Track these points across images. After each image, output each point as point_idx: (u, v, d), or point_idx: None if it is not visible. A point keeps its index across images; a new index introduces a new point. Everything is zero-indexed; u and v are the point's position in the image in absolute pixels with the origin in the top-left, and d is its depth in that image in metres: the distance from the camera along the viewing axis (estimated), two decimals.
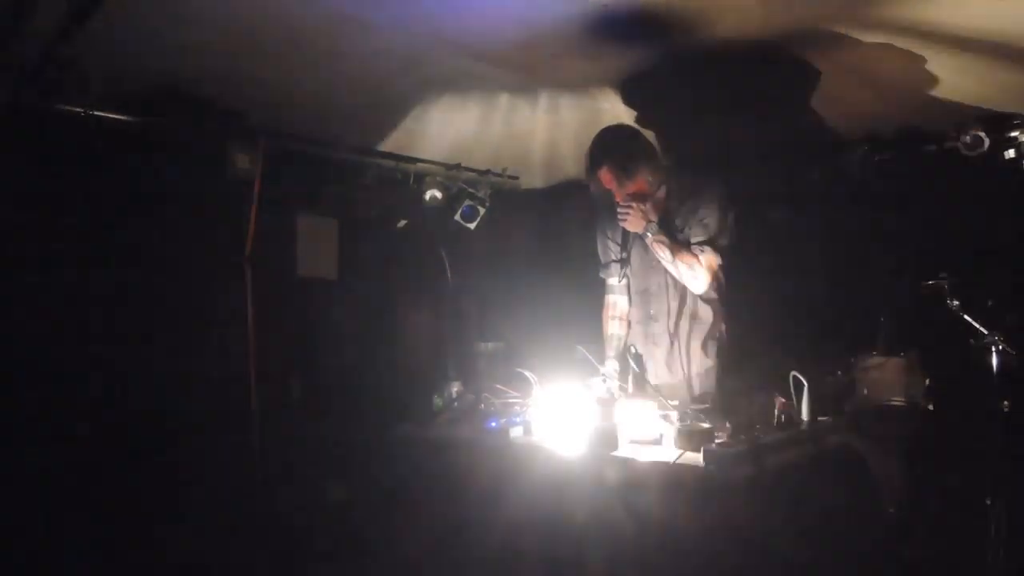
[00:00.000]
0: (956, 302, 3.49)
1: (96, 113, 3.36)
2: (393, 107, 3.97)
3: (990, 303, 3.46)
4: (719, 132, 4.21)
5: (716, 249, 2.97)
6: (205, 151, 3.74)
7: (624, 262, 3.17)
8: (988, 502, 3.28)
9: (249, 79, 3.52)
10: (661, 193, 3.10)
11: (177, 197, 3.75)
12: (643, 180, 3.00)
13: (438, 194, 4.66)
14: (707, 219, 2.99)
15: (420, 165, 4.62)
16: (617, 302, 3.28)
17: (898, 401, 3.49)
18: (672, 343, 3.10)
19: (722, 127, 4.14)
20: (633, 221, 2.97)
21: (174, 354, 3.73)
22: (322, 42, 3.15)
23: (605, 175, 3.00)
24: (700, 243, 2.98)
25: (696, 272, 2.95)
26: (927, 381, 3.54)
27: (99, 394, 3.48)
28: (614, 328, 3.25)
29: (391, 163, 4.52)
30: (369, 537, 3.55)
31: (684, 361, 3.10)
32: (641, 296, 3.21)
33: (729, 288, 3.14)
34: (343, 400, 4.42)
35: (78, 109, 3.28)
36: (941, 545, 3.23)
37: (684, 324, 3.09)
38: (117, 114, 3.47)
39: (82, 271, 3.52)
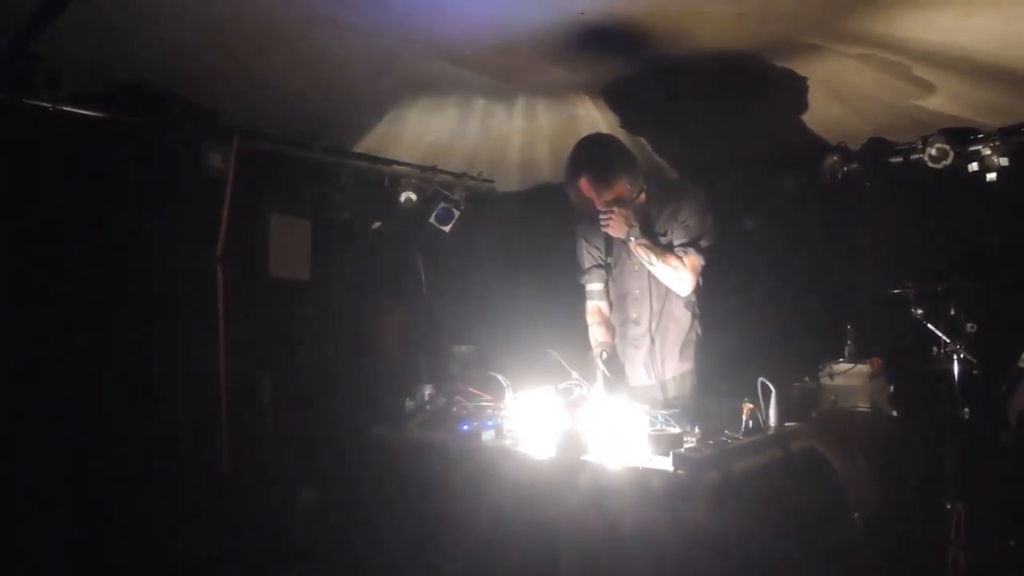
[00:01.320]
0: (920, 311, 3.58)
1: (66, 109, 3.31)
2: (369, 109, 3.96)
3: (952, 312, 3.55)
4: (695, 139, 4.26)
5: (699, 251, 3.02)
6: (177, 149, 3.69)
7: (607, 267, 3.20)
8: (948, 506, 3.36)
9: (223, 78, 3.49)
10: (641, 198, 3.13)
11: (148, 195, 3.70)
12: (622, 187, 3.03)
13: (413, 196, 4.65)
14: (688, 221, 3.04)
15: (395, 167, 4.62)
16: (600, 308, 3.30)
17: (863, 407, 3.56)
18: (651, 347, 3.14)
19: (698, 135, 4.20)
20: (616, 226, 3.00)
21: (143, 353, 3.68)
22: (298, 42, 3.14)
23: (584, 184, 3.03)
24: (683, 245, 3.02)
25: (681, 274, 2.99)
26: (891, 388, 3.61)
27: (66, 392, 3.42)
28: (600, 335, 3.26)
29: (366, 164, 4.51)
30: (340, 539, 3.54)
31: (661, 364, 3.14)
32: (621, 300, 3.24)
33: (706, 293, 3.18)
34: (314, 402, 4.39)
35: (47, 104, 3.23)
36: (904, 547, 3.29)
37: (663, 328, 3.13)
38: (88, 110, 3.42)
39: (50, 270, 3.46)
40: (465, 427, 2.86)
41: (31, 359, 3.34)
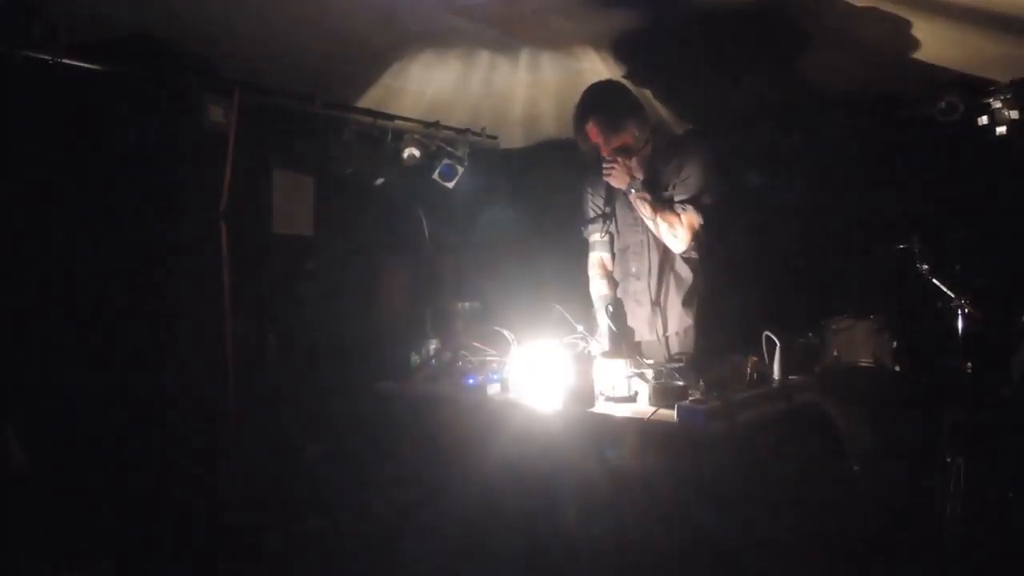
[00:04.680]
0: (925, 266, 3.57)
1: (65, 61, 3.25)
2: (372, 62, 3.91)
3: (957, 268, 3.54)
4: (704, 93, 4.21)
5: (698, 208, 3.00)
6: (178, 102, 3.65)
7: (607, 218, 3.18)
8: (948, 459, 3.40)
9: (225, 29, 3.44)
10: (647, 150, 3.11)
11: (150, 149, 3.66)
12: (629, 135, 3.01)
13: (416, 152, 4.61)
14: (690, 178, 3.01)
15: (398, 123, 4.57)
16: (602, 259, 3.29)
17: (866, 362, 3.58)
18: (653, 301, 3.14)
19: (707, 88, 4.14)
20: (617, 176, 2.98)
21: (147, 310, 3.69)
22: None
23: (592, 129, 3.00)
24: (682, 201, 3.00)
25: (676, 231, 2.98)
26: (894, 343, 3.63)
27: (70, 350, 3.44)
28: (602, 288, 3.26)
29: (368, 120, 4.45)
30: (345, 495, 3.59)
31: (663, 319, 3.14)
32: (622, 254, 3.24)
33: (709, 248, 3.17)
34: (320, 358, 4.41)
35: (46, 56, 3.18)
36: (903, 499, 3.34)
37: (665, 283, 3.12)
38: (87, 63, 3.37)
39: (49, 226, 3.45)
40: (471, 381, 2.88)
41: (32, 314, 3.35)
